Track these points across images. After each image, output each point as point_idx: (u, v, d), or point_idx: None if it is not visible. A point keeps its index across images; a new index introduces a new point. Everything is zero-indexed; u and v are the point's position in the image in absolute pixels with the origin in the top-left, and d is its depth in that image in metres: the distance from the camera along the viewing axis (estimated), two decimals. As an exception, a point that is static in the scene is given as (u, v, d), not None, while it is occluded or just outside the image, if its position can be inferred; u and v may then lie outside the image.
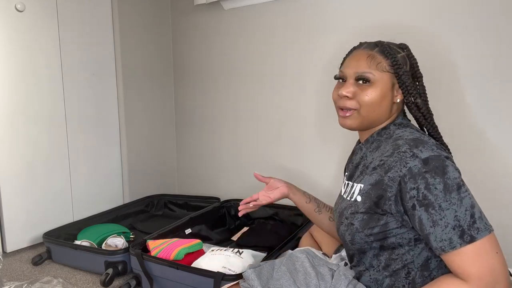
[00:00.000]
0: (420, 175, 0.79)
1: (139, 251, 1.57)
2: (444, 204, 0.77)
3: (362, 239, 0.90)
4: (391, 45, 0.97)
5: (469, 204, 0.77)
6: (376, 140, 0.96)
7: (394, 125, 0.95)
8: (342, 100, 0.96)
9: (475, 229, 0.76)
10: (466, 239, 0.75)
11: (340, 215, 0.97)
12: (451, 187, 0.77)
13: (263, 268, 0.96)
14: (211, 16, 2.39)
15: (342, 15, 1.94)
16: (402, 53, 0.96)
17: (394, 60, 0.92)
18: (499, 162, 1.61)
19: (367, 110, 0.93)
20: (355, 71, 0.93)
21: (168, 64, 2.61)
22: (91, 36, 2.19)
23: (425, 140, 0.84)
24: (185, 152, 2.67)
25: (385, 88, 0.92)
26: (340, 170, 2.05)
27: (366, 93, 0.92)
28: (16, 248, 1.96)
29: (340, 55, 1.97)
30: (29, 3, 1.92)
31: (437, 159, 0.79)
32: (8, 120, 1.89)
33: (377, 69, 0.92)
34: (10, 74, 1.89)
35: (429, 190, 0.78)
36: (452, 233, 0.76)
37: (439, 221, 0.77)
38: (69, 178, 2.14)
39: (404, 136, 0.87)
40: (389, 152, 0.86)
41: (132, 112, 2.41)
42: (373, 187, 0.88)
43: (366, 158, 0.97)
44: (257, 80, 2.26)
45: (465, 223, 0.76)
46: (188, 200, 2.45)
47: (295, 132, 2.17)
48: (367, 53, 0.94)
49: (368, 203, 0.88)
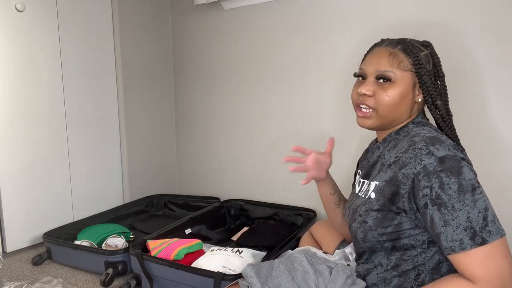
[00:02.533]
0: (435, 174, 0.77)
1: (139, 251, 1.57)
2: (458, 205, 0.76)
3: (375, 238, 0.89)
4: (414, 43, 0.93)
5: (482, 207, 0.76)
6: (394, 139, 0.95)
7: (413, 124, 0.93)
8: (361, 97, 0.93)
9: (487, 232, 0.75)
10: (477, 241, 0.74)
11: (354, 212, 0.96)
12: (466, 188, 0.76)
13: (262, 266, 0.96)
14: (211, 16, 2.39)
15: (343, 14, 1.94)
16: (425, 51, 0.93)
17: (417, 59, 0.89)
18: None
19: (386, 110, 0.91)
20: (376, 69, 0.91)
21: (168, 64, 2.61)
22: (91, 36, 2.19)
23: (442, 139, 0.82)
24: (185, 152, 2.67)
25: (407, 88, 0.90)
26: (343, 171, 2.05)
27: (387, 93, 0.90)
28: (16, 248, 1.96)
29: (340, 54, 1.97)
30: (29, 3, 1.92)
31: (453, 159, 0.78)
32: (8, 120, 1.89)
33: (399, 68, 0.89)
34: (10, 74, 1.89)
35: (443, 190, 0.77)
36: (464, 234, 0.75)
37: (451, 221, 0.76)
38: (69, 178, 2.14)
39: (421, 133, 0.86)
40: (404, 148, 0.84)
41: (132, 112, 2.41)
42: (387, 183, 0.86)
43: (383, 157, 0.95)
44: (257, 80, 2.26)
45: (477, 225, 0.75)
46: (188, 200, 2.45)
47: (295, 132, 2.17)
48: (389, 50, 0.91)
49: (382, 200, 0.87)
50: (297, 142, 2.16)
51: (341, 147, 2.03)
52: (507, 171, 1.60)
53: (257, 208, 2.21)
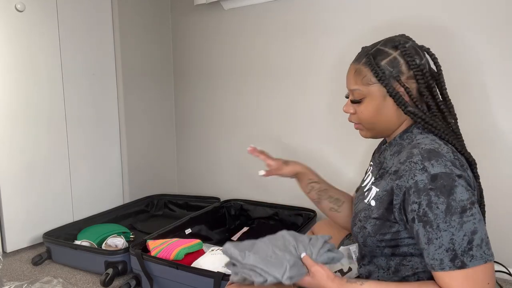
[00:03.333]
0: (425, 191, 0.77)
1: (139, 251, 1.57)
2: (442, 225, 0.75)
3: (374, 243, 0.89)
4: (382, 47, 0.90)
5: (470, 230, 0.75)
6: (398, 144, 0.93)
7: (418, 129, 0.90)
8: (349, 115, 0.98)
9: (469, 256, 0.74)
10: (457, 264, 0.74)
11: (355, 216, 0.96)
12: (454, 209, 0.75)
13: (243, 243, 0.97)
14: (211, 16, 2.39)
15: (343, 14, 1.94)
16: (393, 54, 0.88)
17: (375, 70, 0.87)
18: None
19: (368, 123, 0.93)
20: (349, 88, 0.94)
21: (168, 64, 2.61)
22: (91, 36, 2.19)
23: (442, 153, 0.80)
24: (185, 152, 2.66)
25: (377, 100, 0.89)
26: (343, 173, 2.05)
27: (360, 110, 0.92)
28: (16, 248, 1.96)
29: (340, 54, 1.97)
30: (29, 3, 1.92)
31: (447, 177, 0.76)
32: (8, 120, 1.89)
33: (363, 84, 0.90)
34: (10, 74, 1.89)
35: (431, 208, 0.76)
36: (444, 255, 0.75)
37: (434, 240, 0.76)
38: (69, 178, 2.14)
39: (422, 144, 0.83)
40: (403, 159, 0.83)
41: (132, 112, 2.41)
42: (387, 193, 0.86)
43: (386, 162, 0.94)
44: (257, 80, 2.26)
45: (459, 248, 0.74)
46: (188, 200, 2.45)
47: (295, 132, 2.17)
48: (354, 67, 0.92)
49: (382, 210, 0.87)
50: (297, 142, 2.16)
51: (341, 149, 2.03)
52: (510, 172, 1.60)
53: (257, 208, 2.21)
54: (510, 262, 1.63)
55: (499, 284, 1.55)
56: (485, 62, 1.60)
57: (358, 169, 1.99)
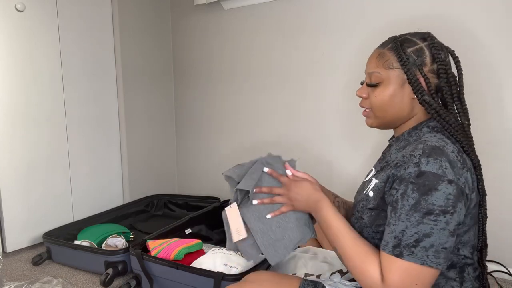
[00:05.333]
0: (406, 182, 0.80)
1: (139, 251, 1.57)
2: (403, 216, 0.79)
3: (370, 235, 0.90)
4: (410, 37, 0.90)
5: (424, 231, 0.76)
6: (405, 139, 0.93)
7: (427, 127, 0.90)
8: (361, 100, 0.97)
9: (409, 251, 0.77)
10: (395, 252, 0.78)
11: (354, 207, 0.98)
12: (421, 208, 0.77)
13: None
14: (211, 16, 2.39)
15: (343, 14, 1.94)
16: (420, 44, 0.89)
17: (400, 55, 0.87)
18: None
19: (379, 110, 0.92)
20: (367, 71, 0.93)
21: (168, 64, 2.61)
22: (91, 36, 2.19)
23: (445, 152, 0.79)
24: (185, 152, 2.66)
25: (394, 86, 0.89)
26: (345, 172, 2.05)
27: (375, 94, 0.91)
28: (16, 248, 1.96)
29: (341, 54, 1.97)
30: (29, 3, 1.92)
31: (434, 179, 0.77)
32: (8, 120, 1.89)
33: (384, 67, 0.89)
34: (10, 74, 1.89)
35: (402, 198, 0.79)
36: (391, 240, 0.79)
37: (392, 225, 0.80)
38: (69, 178, 2.14)
39: (429, 141, 0.83)
40: (407, 153, 0.84)
41: (132, 112, 2.41)
42: (384, 183, 0.88)
43: (390, 156, 0.95)
44: (257, 80, 2.26)
45: (406, 240, 0.77)
46: (188, 200, 2.45)
47: (295, 133, 2.17)
48: (378, 51, 0.92)
49: (378, 200, 0.88)
50: (298, 142, 2.16)
51: (341, 149, 2.03)
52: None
53: (257, 208, 2.20)
54: (510, 262, 1.63)
55: (499, 284, 1.55)
56: (502, 64, 1.60)
57: (361, 168, 1.99)
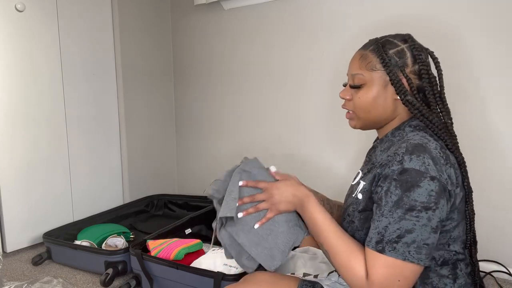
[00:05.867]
0: (389, 180, 0.81)
1: (139, 251, 1.57)
2: (386, 213, 0.80)
3: (362, 238, 0.90)
4: (391, 39, 0.92)
5: (406, 227, 0.78)
6: (389, 140, 0.94)
7: (410, 127, 0.92)
8: (344, 102, 0.98)
9: (391, 247, 0.78)
10: (378, 247, 0.79)
11: (344, 211, 0.98)
12: (403, 204, 0.78)
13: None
14: (211, 16, 2.39)
15: (343, 14, 1.94)
16: (401, 46, 0.90)
17: (382, 57, 0.89)
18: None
19: (362, 111, 0.93)
20: (350, 73, 0.95)
21: (168, 64, 2.61)
22: (91, 36, 2.19)
23: (427, 149, 0.81)
24: (185, 152, 2.66)
25: (378, 87, 0.90)
26: (344, 172, 2.05)
27: (358, 95, 0.92)
28: (16, 248, 1.96)
29: (341, 54, 1.97)
30: (29, 3, 1.92)
31: (416, 176, 0.78)
32: (8, 120, 1.89)
33: (367, 69, 0.91)
34: (10, 74, 1.89)
35: (386, 195, 0.81)
36: (375, 236, 0.80)
37: (376, 221, 0.82)
38: (69, 178, 2.14)
39: (412, 139, 0.84)
40: (391, 153, 0.85)
41: (132, 112, 2.41)
42: (370, 185, 0.89)
43: (376, 157, 0.96)
44: (257, 80, 2.26)
45: (388, 236, 0.79)
46: (188, 200, 2.45)
47: (295, 133, 2.17)
48: (360, 53, 0.93)
49: (366, 200, 0.90)
50: (298, 142, 2.16)
51: (342, 148, 2.03)
52: (507, 171, 1.60)
53: (257, 208, 2.20)
54: (510, 262, 1.63)
55: (499, 284, 1.55)
56: (484, 65, 1.60)
57: (351, 169, 1.98)
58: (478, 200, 1.65)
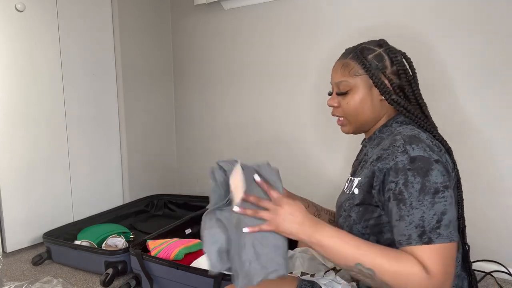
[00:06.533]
0: (403, 171, 0.82)
1: (139, 251, 1.57)
2: (415, 203, 0.80)
3: (359, 231, 0.91)
4: (367, 45, 0.99)
5: (440, 210, 0.79)
6: (378, 137, 0.99)
7: (396, 123, 0.97)
8: (332, 109, 1.03)
9: (436, 233, 0.78)
10: (424, 239, 0.78)
11: (339, 208, 1.00)
12: (428, 189, 0.80)
13: None
14: (211, 16, 2.39)
15: (343, 15, 1.94)
16: (378, 50, 0.97)
17: (363, 62, 0.95)
18: (497, 161, 1.61)
19: (352, 116, 0.98)
20: (335, 81, 1.00)
21: (168, 64, 2.61)
22: (91, 36, 2.19)
23: (422, 139, 0.85)
24: (185, 152, 2.67)
25: (363, 91, 0.96)
26: (342, 170, 2.05)
27: (346, 101, 0.97)
28: (16, 248, 1.97)
29: (341, 54, 1.97)
30: (29, 3, 1.92)
31: (425, 161, 0.82)
32: (8, 120, 1.89)
33: (350, 75, 0.96)
34: (10, 74, 1.89)
35: (406, 187, 0.81)
36: (413, 231, 0.79)
37: (406, 217, 0.80)
38: (69, 178, 2.14)
39: (403, 132, 0.89)
40: (386, 146, 0.88)
41: (132, 112, 2.41)
42: (368, 178, 0.90)
43: (367, 154, 1.00)
44: (257, 80, 2.26)
45: (428, 225, 0.79)
46: (188, 200, 2.45)
47: (296, 133, 2.17)
48: (341, 62, 0.99)
49: (363, 194, 0.91)
50: (298, 142, 2.17)
51: (342, 147, 2.03)
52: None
53: (257, 208, 2.20)
54: (510, 262, 1.63)
55: (499, 284, 1.55)
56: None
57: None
58: (477, 200, 1.65)
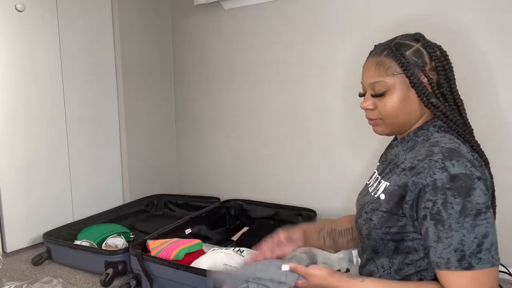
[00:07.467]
0: (442, 190, 0.77)
1: (139, 251, 1.57)
2: (455, 226, 0.75)
3: (379, 236, 0.88)
4: (402, 41, 0.91)
5: (481, 233, 0.75)
6: (412, 139, 0.92)
7: (434, 127, 0.90)
8: (366, 112, 0.95)
9: (477, 258, 0.75)
10: (464, 265, 0.75)
11: (361, 208, 0.96)
12: (469, 211, 0.75)
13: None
14: (211, 16, 2.39)
15: (343, 14, 1.94)
16: (415, 45, 0.89)
17: (401, 61, 0.87)
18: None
19: (391, 117, 0.90)
20: (369, 82, 0.92)
21: (168, 64, 2.61)
22: (91, 36, 2.19)
23: (462, 153, 0.80)
24: (185, 152, 2.66)
25: (402, 91, 0.88)
26: (340, 175, 2.05)
27: (384, 103, 0.90)
28: (16, 248, 1.96)
29: (341, 54, 1.97)
30: (29, 3, 1.92)
31: (467, 179, 0.76)
32: (8, 120, 1.89)
33: (387, 75, 0.88)
34: (10, 74, 1.89)
35: (445, 208, 0.76)
36: (452, 255, 0.75)
37: (444, 239, 0.76)
38: (69, 178, 2.14)
39: (442, 143, 0.83)
40: (422, 157, 0.83)
41: (132, 112, 2.41)
42: (398, 188, 0.86)
43: (398, 157, 0.94)
44: (257, 80, 2.26)
45: (468, 249, 0.75)
46: (188, 200, 2.45)
47: (296, 132, 2.17)
48: (375, 60, 0.91)
49: (391, 204, 0.87)
50: (298, 142, 2.16)
51: (348, 149, 2.03)
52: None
53: (257, 208, 2.20)
54: (510, 262, 1.63)
55: (499, 284, 1.55)
56: (493, 61, 1.60)
57: (366, 165, 1.99)
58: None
